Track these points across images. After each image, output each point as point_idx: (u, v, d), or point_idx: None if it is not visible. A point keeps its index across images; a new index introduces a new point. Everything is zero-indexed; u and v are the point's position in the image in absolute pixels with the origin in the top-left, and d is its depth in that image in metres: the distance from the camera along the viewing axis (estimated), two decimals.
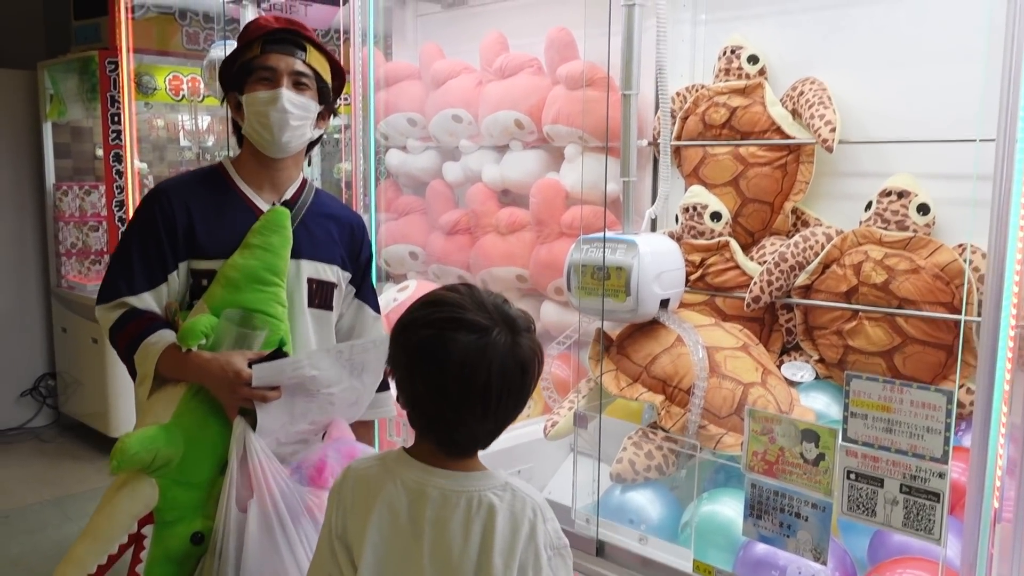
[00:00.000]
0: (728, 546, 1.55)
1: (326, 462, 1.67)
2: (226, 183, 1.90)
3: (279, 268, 1.78)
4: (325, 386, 1.70)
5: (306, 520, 1.63)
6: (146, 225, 1.83)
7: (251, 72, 1.84)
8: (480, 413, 1.17)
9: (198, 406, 1.69)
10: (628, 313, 1.86)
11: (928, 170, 2.13)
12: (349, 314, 2.04)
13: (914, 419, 1.18)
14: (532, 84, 2.88)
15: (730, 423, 1.79)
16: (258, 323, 1.74)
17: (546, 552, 1.19)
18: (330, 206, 2.01)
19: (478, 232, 3.09)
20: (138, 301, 1.79)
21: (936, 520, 1.15)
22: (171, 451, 1.62)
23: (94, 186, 5.20)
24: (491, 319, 1.18)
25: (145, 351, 1.75)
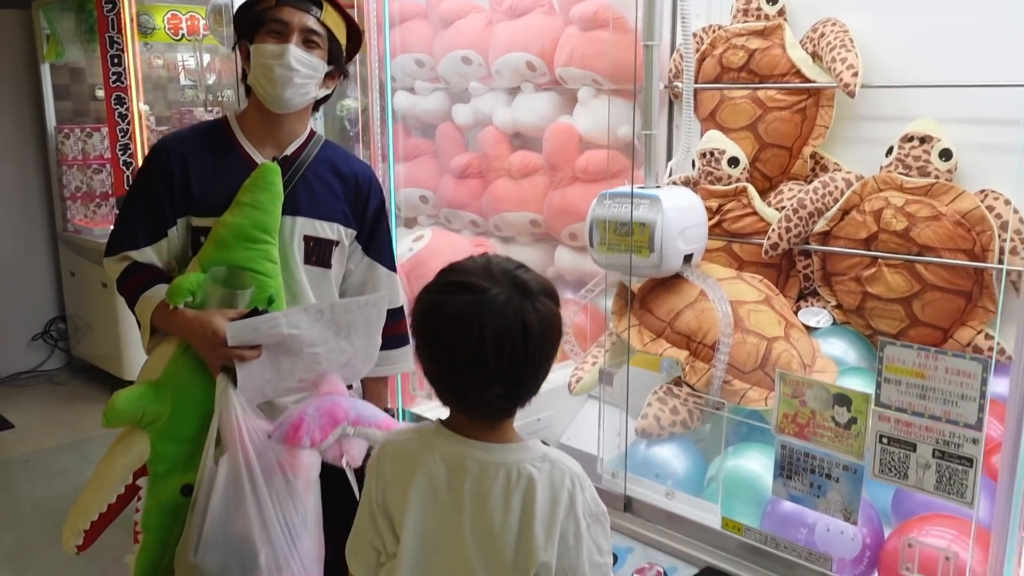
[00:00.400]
0: (753, 499, 1.57)
1: (303, 420, 1.68)
2: (227, 138, 1.88)
3: (268, 225, 1.77)
4: (308, 345, 1.71)
5: (277, 477, 1.65)
6: (145, 181, 1.86)
7: (262, 23, 1.80)
8: (482, 376, 1.17)
9: (186, 363, 1.74)
10: (652, 269, 1.85)
11: (950, 115, 2.10)
12: (359, 272, 2.01)
13: (948, 386, 1.18)
14: (544, 24, 2.82)
15: (754, 378, 1.81)
16: (246, 281, 1.74)
17: (585, 520, 1.21)
18: (336, 160, 1.97)
19: (490, 176, 3.06)
20: (140, 255, 1.83)
21: (968, 484, 1.17)
22: (159, 407, 1.70)
23: (95, 128, 5.13)
24: (493, 281, 1.18)
25: (143, 305, 1.79)
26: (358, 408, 1.74)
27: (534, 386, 1.23)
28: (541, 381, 1.23)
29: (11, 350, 5.24)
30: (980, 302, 2.07)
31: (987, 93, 1.97)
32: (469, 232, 3.18)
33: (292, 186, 1.85)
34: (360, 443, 1.72)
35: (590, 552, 1.22)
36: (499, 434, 1.25)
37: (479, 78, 3.06)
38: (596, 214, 1.90)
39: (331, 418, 1.68)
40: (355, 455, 1.71)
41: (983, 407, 1.16)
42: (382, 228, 2.04)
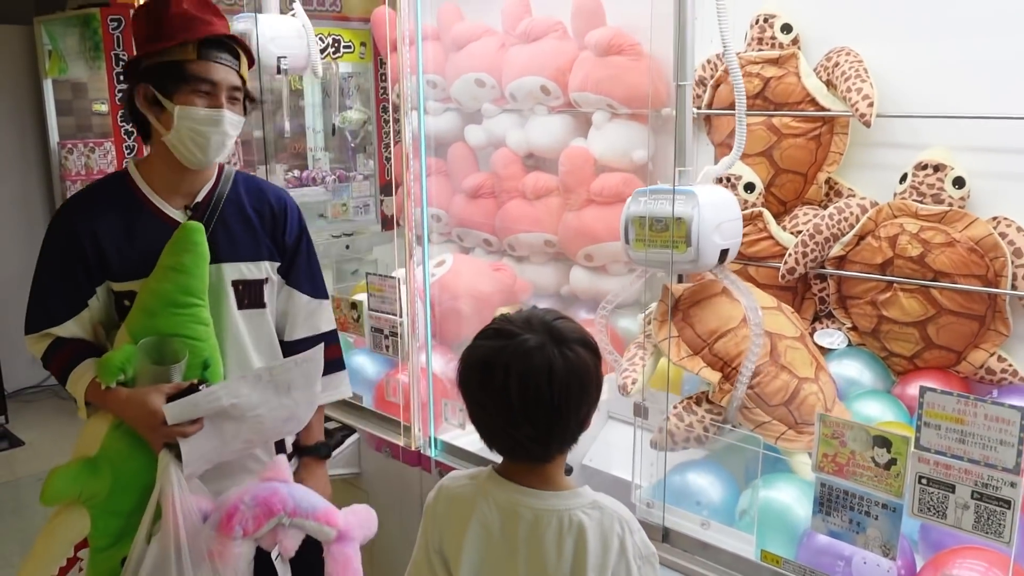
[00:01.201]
0: (785, 530, 1.63)
1: (237, 509, 1.67)
2: (132, 194, 1.80)
3: (194, 288, 1.73)
4: (251, 409, 1.68)
5: (206, 565, 1.64)
6: (55, 254, 1.78)
7: (186, 79, 1.70)
8: (508, 417, 1.23)
9: (122, 437, 1.72)
10: (689, 264, 1.86)
11: (963, 143, 2.15)
12: (280, 301, 1.96)
13: (987, 432, 1.24)
14: (558, 49, 2.86)
15: (778, 412, 1.86)
16: (178, 349, 1.70)
17: (636, 562, 1.27)
18: (250, 192, 1.91)
19: (503, 196, 3.10)
20: (62, 330, 1.77)
21: (1006, 525, 1.24)
22: (98, 484, 1.69)
23: (98, 143, 5.15)
24: (528, 329, 1.25)
25: (74, 383, 1.75)
26: (296, 497, 1.74)
27: (565, 432, 1.27)
28: (575, 428, 1.27)
29: (17, 365, 5.25)
30: (993, 325, 2.14)
31: (999, 123, 2.02)
32: (482, 251, 3.23)
33: (211, 232, 1.78)
34: (295, 534, 1.73)
35: None
36: (549, 481, 1.30)
37: (492, 100, 3.10)
38: (631, 211, 1.90)
39: (266, 508, 1.69)
40: (288, 546, 1.72)
41: (1021, 452, 1.22)
42: (302, 254, 1.98)
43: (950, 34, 2.16)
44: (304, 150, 5.60)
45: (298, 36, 3.22)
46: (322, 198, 4.57)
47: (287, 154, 5.67)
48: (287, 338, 1.98)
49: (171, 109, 1.70)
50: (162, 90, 1.71)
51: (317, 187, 4.65)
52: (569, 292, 3.02)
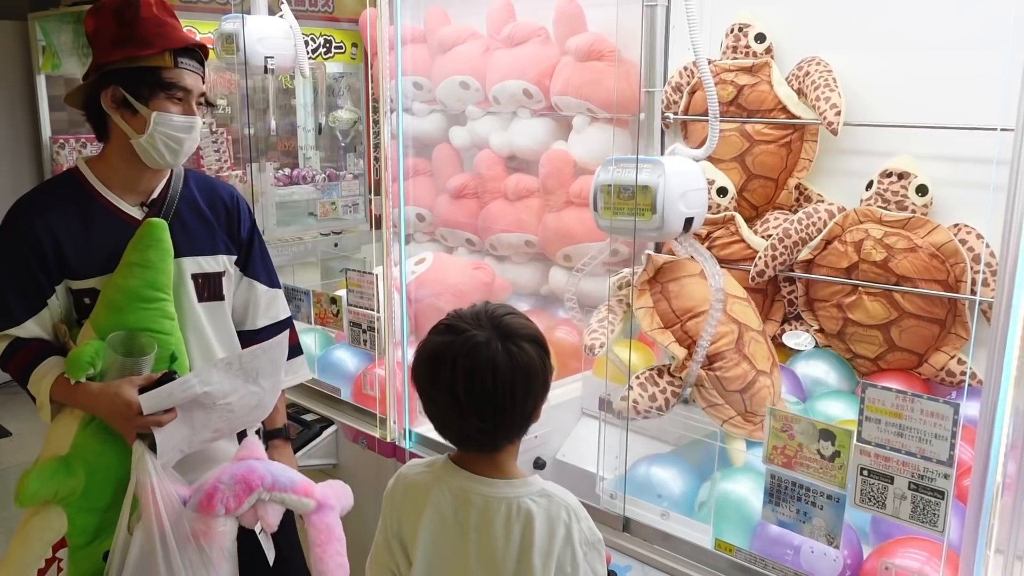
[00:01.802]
0: (741, 521, 1.69)
1: (217, 488, 1.70)
2: (87, 192, 1.80)
3: (161, 283, 1.76)
4: (221, 398, 1.71)
5: (191, 546, 1.67)
6: (11, 253, 1.76)
7: (161, 85, 1.73)
8: (457, 410, 1.28)
9: (94, 434, 1.73)
10: (655, 231, 1.89)
11: (927, 152, 2.22)
12: (240, 294, 2.01)
13: (923, 426, 1.30)
14: (540, 54, 2.92)
15: (732, 398, 1.93)
16: (145, 346, 1.72)
17: (582, 548, 1.32)
18: (202, 190, 1.95)
19: (485, 197, 3.16)
20: (21, 331, 1.76)
21: (940, 514, 1.30)
22: (72, 482, 1.69)
23: (90, 139, 5.19)
24: (477, 325, 1.30)
25: (37, 382, 1.74)
26: (274, 473, 1.77)
27: (511, 424, 1.31)
28: (521, 421, 1.32)
29: None
30: (953, 329, 2.20)
31: (961, 133, 2.09)
32: (465, 250, 3.28)
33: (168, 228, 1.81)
34: (276, 508, 1.77)
35: None
36: (500, 469, 1.35)
37: (476, 102, 3.16)
38: (600, 179, 1.94)
39: (245, 485, 1.72)
40: (270, 521, 1.76)
41: (954, 446, 1.28)
42: (256, 245, 2.03)
43: (917, 47, 2.22)
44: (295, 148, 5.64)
45: (285, 37, 3.28)
46: (312, 196, 4.61)
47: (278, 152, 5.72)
48: (249, 327, 2.02)
49: (146, 114, 1.72)
50: (135, 94, 1.72)
51: (307, 185, 4.70)
52: (548, 292, 3.08)
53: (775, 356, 2.06)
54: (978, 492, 1.26)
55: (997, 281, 1.25)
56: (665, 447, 2.11)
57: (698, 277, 2.06)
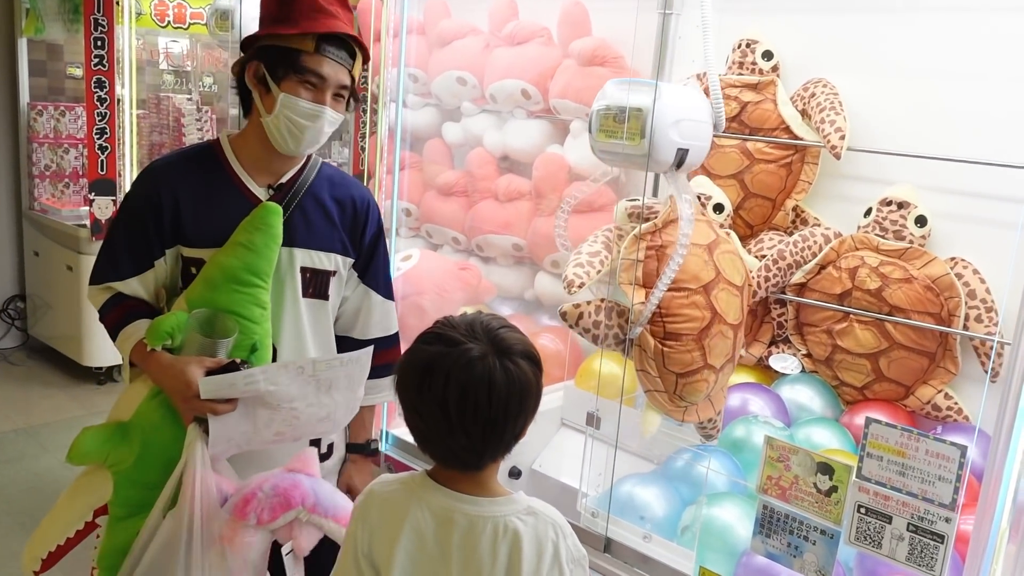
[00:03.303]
0: (725, 548, 1.65)
1: (255, 496, 1.62)
2: (221, 165, 1.80)
3: (261, 268, 1.71)
4: (287, 401, 1.64)
5: (215, 549, 1.60)
6: (133, 209, 1.79)
7: (297, 69, 1.70)
8: (445, 426, 1.22)
9: (157, 408, 1.70)
10: (642, 158, 1.78)
11: (928, 183, 2.20)
12: (354, 299, 1.96)
13: (927, 467, 1.27)
14: (542, 55, 2.87)
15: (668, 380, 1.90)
16: (230, 326, 1.68)
17: (568, 566, 1.28)
18: (334, 185, 1.90)
19: (475, 196, 3.11)
20: (124, 286, 1.77)
21: (938, 559, 1.26)
22: (125, 451, 1.67)
23: (70, 107, 5.06)
24: (472, 337, 1.24)
25: (123, 340, 1.74)
26: (319, 494, 1.67)
27: (499, 444, 1.26)
28: (509, 440, 1.27)
29: None
30: (943, 363, 2.18)
31: (964, 167, 2.07)
32: (450, 249, 3.23)
33: (288, 216, 1.78)
34: (312, 532, 1.66)
35: None
36: (483, 487, 1.29)
37: (472, 99, 3.10)
38: (599, 104, 1.85)
39: (285, 500, 1.63)
40: (302, 544, 1.65)
41: (958, 489, 1.25)
42: (379, 254, 1.99)
43: (925, 76, 2.20)
44: None
45: None
46: None
47: None
48: (360, 336, 1.95)
49: (276, 94, 1.70)
50: (272, 73, 1.71)
51: None
52: (533, 297, 3.03)
53: (736, 355, 2.01)
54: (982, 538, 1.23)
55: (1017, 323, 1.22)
56: (648, 465, 2.07)
57: (703, 251, 1.94)
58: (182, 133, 4.93)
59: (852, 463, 1.36)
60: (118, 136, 4.42)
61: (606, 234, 2.04)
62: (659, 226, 1.97)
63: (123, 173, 4.52)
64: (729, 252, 1.99)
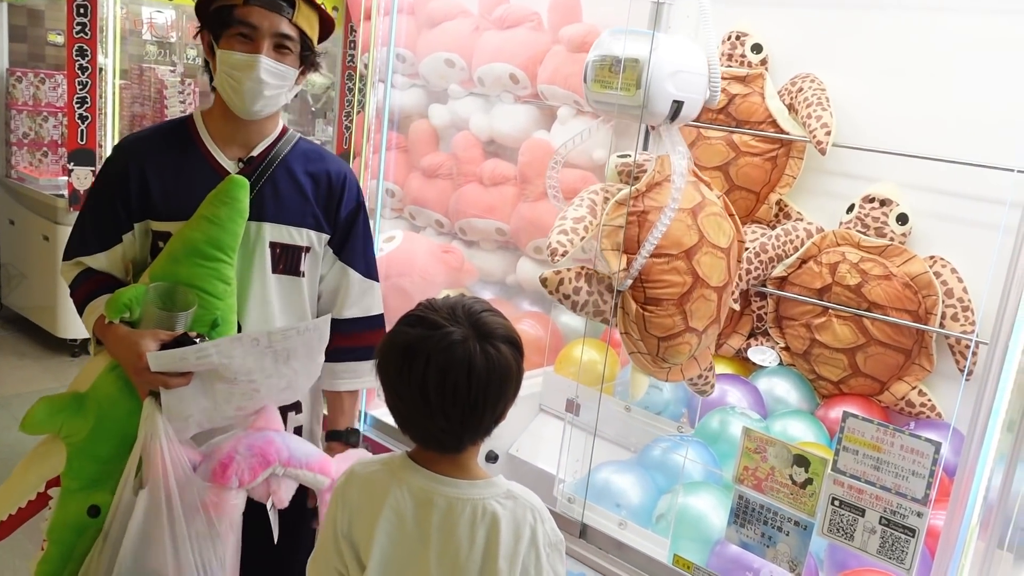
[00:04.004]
0: (699, 537, 1.67)
1: (232, 459, 1.62)
2: (191, 138, 1.78)
3: (225, 243, 1.68)
4: (245, 374, 1.61)
5: (200, 517, 1.59)
6: (101, 184, 1.78)
7: (229, 24, 1.67)
8: (424, 409, 1.23)
9: (114, 380, 1.67)
10: (637, 110, 1.76)
11: (910, 181, 2.22)
12: (331, 277, 1.92)
13: (901, 461, 1.29)
14: (531, 39, 2.86)
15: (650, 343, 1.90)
16: (190, 300, 1.64)
17: (545, 550, 1.28)
18: (309, 160, 1.86)
19: (460, 179, 3.09)
20: (92, 261, 1.76)
21: (909, 552, 1.28)
22: (79, 422, 1.64)
23: (50, 74, 4.98)
24: (453, 320, 1.24)
25: (88, 315, 1.73)
26: (291, 447, 1.69)
27: (478, 427, 1.26)
28: (489, 423, 1.27)
29: None
30: (918, 360, 2.21)
31: (948, 166, 2.08)
32: (432, 231, 3.21)
33: (258, 189, 1.75)
34: (289, 484, 1.68)
35: None
36: (463, 469, 1.30)
37: (460, 81, 3.09)
38: (594, 53, 1.83)
39: (262, 458, 1.64)
40: (282, 497, 1.67)
41: (931, 484, 1.27)
42: (357, 232, 1.93)
43: (913, 75, 2.22)
44: None
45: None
46: None
47: None
48: (337, 316, 1.91)
49: (218, 56, 1.69)
50: (215, 36, 1.70)
51: None
52: (515, 282, 3.03)
53: (721, 316, 2.01)
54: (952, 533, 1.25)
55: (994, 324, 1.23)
56: (625, 453, 2.08)
57: (687, 215, 1.92)
58: (164, 105, 4.87)
59: (828, 456, 1.38)
60: (99, 106, 4.36)
61: (592, 196, 2.02)
62: (642, 190, 1.95)
63: (103, 144, 4.46)
64: (714, 215, 1.96)
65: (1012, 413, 1.23)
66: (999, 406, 1.21)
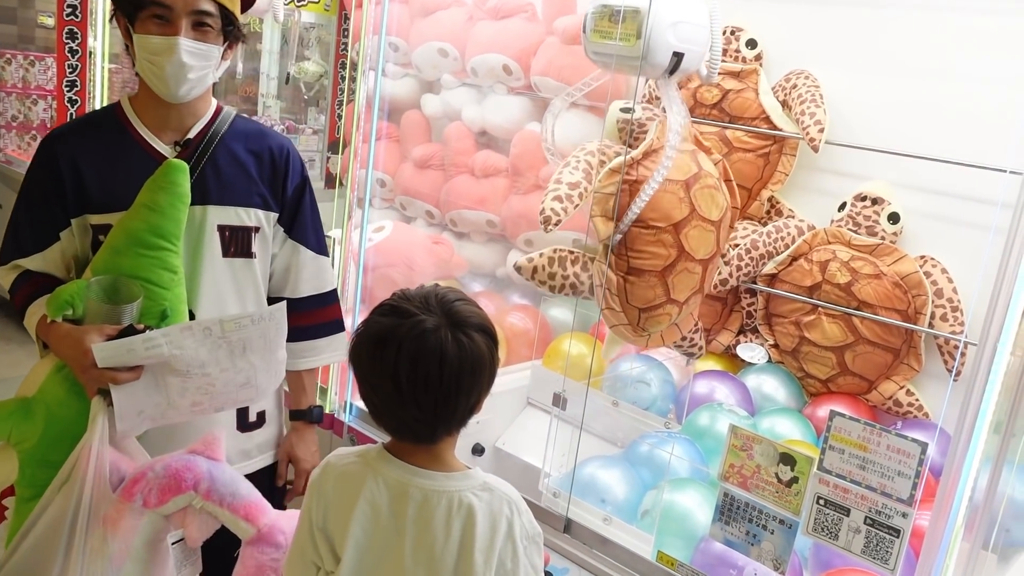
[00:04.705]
0: (684, 534, 1.66)
1: (144, 476, 1.52)
2: (122, 125, 1.70)
3: (167, 230, 1.60)
4: (198, 366, 1.51)
5: (97, 532, 1.48)
6: (32, 182, 1.69)
7: (142, 5, 1.57)
8: (396, 398, 1.22)
9: (61, 382, 1.60)
10: (636, 61, 1.73)
11: (902, 180, 2.21)
12: (283, 255, 1.85)
13: (888, 461, 1.28)
14: (525, 30, 2.84)
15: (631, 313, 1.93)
16: (135, 292, 1.57)
17: (522, 543, 1.27)
18: (248, 137, 1.79)
19: (451, 170, 3.08)
20: (30, 263, 1.68)
21: (893, 553, 1.28)
22: (28, 427, 1.57)
23: (39, 57, 4.93)
24: (426, 309, 1.23)
25: (29, 317, 1.66)
26: (216, 479, 1.54)
27: (452, 416, 1.25)
28: (463, 414, 1.26)
29: None
30: (906, 360, 2.21)
31: (940, 166, 2.08)
32: (423, 222, 3.20)
33: (199, 172, 1.69)
34: (207, 520, 1.54)
35: (527, 572, 1.28)
36: (439, 461, 1.29)
37: (453, 71, 3.06)
38: (593, 3, 1.81)
39: (175, 482, 1.51)
40: (193, 534, 1.54)
41: (916, 485, 1.26)
42: (305, 207, 1.87)
43: (906, 74, 2.21)
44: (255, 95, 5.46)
45: None
46: None
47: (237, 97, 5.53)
48: (292, 295, 1.85)
49: (135, 40, 1.61)
50: (130, 19, 1.61)
51: None
52: (505, 275, 3.01)
53: (704, 288, 2.00)
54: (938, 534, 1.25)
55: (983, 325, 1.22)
56: (612, 448, 2.07)
57: (679, 187, 1.89)
58: None
59: (814, 455, 1.37)
60: (89, 90, 4.31)
61: (588, 159, 1.99)
62: (637, 158, 1.91)
63: None
64: (708, 187, 1.93)
65: (999, 415, 1.23)
66: (987, 407, 1.20)
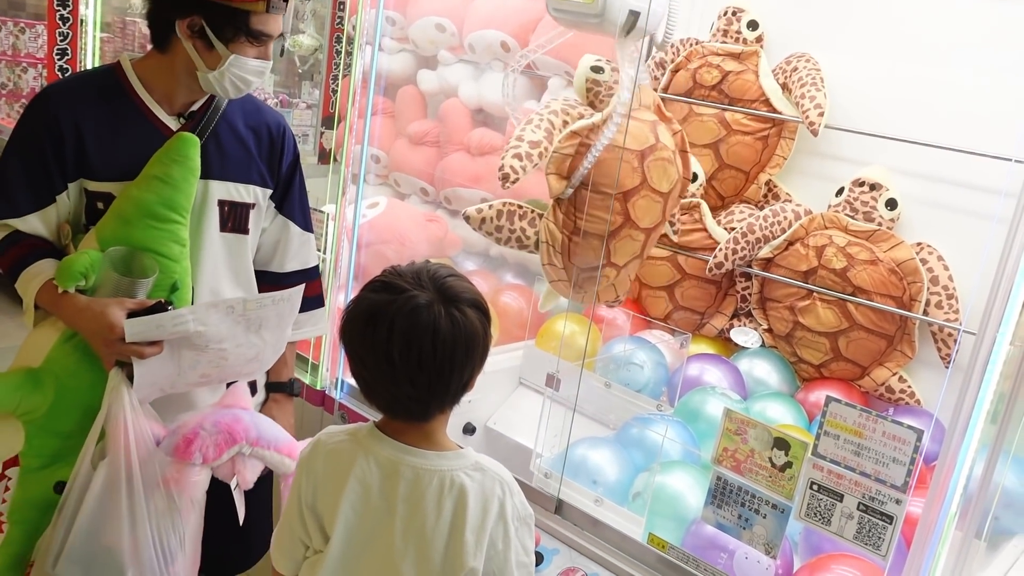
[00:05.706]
0: (675, 516, 1.66)
1: (197, 435, 1.57)
2: (125, 92, 1.67)
3: (178, 203, 1.61)
4: (216, 342, 1.57)
5: (160, 493, 1.54)
6: (29, 140, 1.63)
7: (249, 32, 1.61)
8: (389, 374, 1.21)
9: (71, 352, 1.59)
10: (595, 19, 1.74)
11: (901, 166, 2.20)
12: (272, 231, 1.87)
13: (883, 448, 1.28)
14: (523, 7, 2.81)
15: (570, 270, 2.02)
16: (148, 265, 1.58)
17: (513, 524, 1.27)
18: (246, 113, 1.80)
19: (447, 148, 3.05)
20: (22, 223, 1.63)
21: (886, 539, 1.28)
22: (38, 398, 1.56)
23: (29, 24, 4.86)
24: (418, 285, 1.22)
25: (25, 281, 1.61)
26: (260, 427, 1.64)
27: (445, 393, 1.24)
28: (456, 390, 1.25)
29: None
30: (900, 347, 2.20)
31: (939, 153, 2.07)
32: (417, 199, 3.17)
33: (202, 146, 1.67)
34: (255, 464, 1.64)
35: (517, 554, 1.28)
36: (431, 439, 1.27)
37: (450, 47, 3.03)
38: None
39: (229, 436, 1.59)
40: (247, 477, 1.63)
41: (911, 472, 1.26)
42: (296, 183, 1.89)
43: (907, 59, 2.19)
44: None
45: None
46: None
47: None
48: (278, 270, 1.88)
49: (223, 53, 1.60)
50: (218, 32, 1.59)
51: None
52: (499, 254, 3.00)
53: (644, 252, 2.08)
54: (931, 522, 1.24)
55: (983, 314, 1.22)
56: (604, 430, 2.07)
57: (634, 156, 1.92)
58: None
59: (808, 440, 1.37)
60: (80, 58, 4.26)
61: (551, 118, 2.02)
62: (598, 125, 1.94)
63: None
64: (662, 159, 1.98)
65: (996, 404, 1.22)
66: (984, 396, 1.20)
